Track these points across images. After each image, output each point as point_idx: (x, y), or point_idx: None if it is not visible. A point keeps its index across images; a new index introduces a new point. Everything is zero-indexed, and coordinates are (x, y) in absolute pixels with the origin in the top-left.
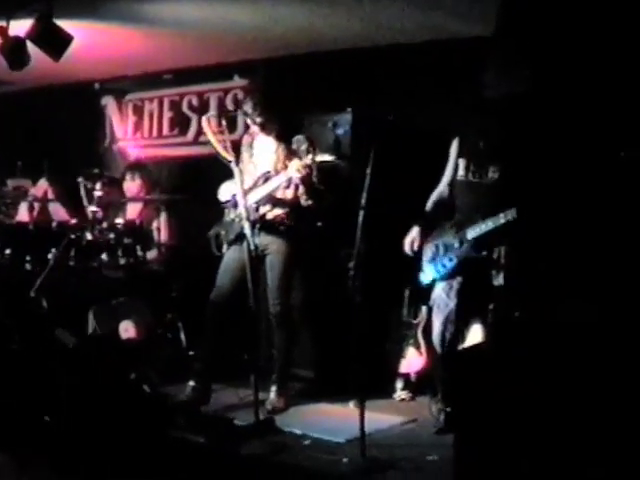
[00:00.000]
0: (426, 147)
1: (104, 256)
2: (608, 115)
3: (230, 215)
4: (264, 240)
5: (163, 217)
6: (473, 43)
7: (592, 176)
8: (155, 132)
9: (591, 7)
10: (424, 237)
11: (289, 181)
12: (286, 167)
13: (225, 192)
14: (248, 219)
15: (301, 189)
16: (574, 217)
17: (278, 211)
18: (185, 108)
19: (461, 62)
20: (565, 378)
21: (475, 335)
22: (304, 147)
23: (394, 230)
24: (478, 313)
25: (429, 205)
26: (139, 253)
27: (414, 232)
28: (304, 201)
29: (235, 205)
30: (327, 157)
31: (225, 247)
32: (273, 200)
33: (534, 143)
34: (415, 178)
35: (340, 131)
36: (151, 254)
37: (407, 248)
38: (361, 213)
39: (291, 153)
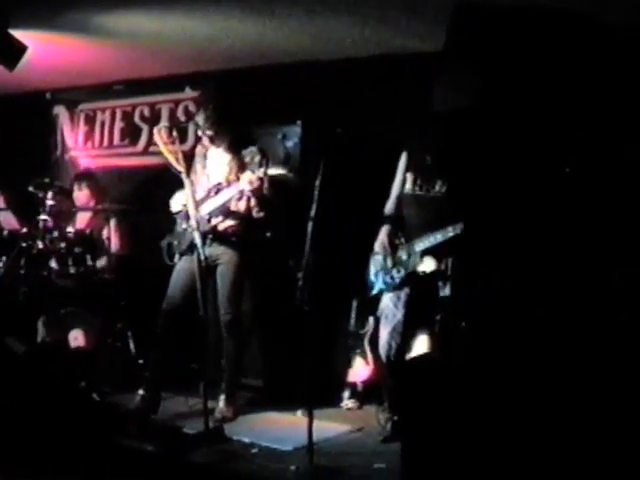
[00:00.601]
0: (375, 160)
1: (54, 265)
2: (553, 129)
3: (182, 225)
4: (215, 251)
5: (113, 226)
6: (423, 58)
7: (537, 189)
8: (106, 142)
9: (539, 24)
10: (393, 236)
11: (241, 193)
12: (238, 179)
13: (177, 203)
14: (199, 230)
15: (253, 201)
16: (519, 229)
17: (230, 222)
18: (137, 119)
19: (410, 77)
20: (510, 386)
21: (422, 345)
22: (257, 159)
23: (343, 241)
24: (425, 324)
25: (388, 211)
26: (89, 262)
27: (384, 232)
28: (255, 213)
29: (187, 216)
30: (280, 171)
31: (177, 257)
32: (225, 212)
33: (480, 157)
34: (364, 191)
35: (290, 143)
36: (101, 263)
37: (380, 248)
38: (310, 224)
39: (244, 165)
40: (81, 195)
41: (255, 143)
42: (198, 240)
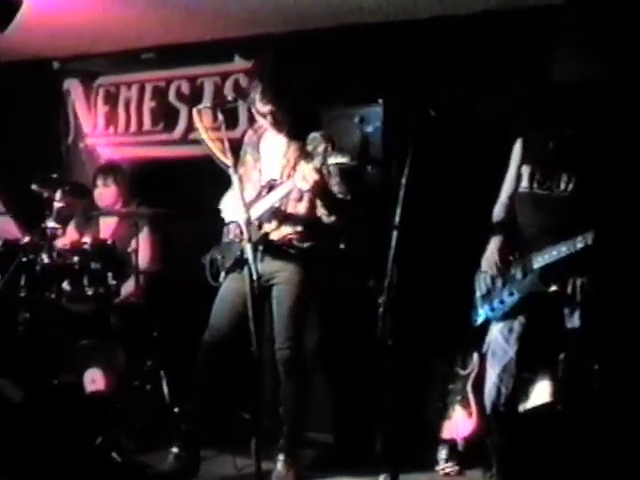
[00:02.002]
0: (479, 150)
1: (65, 285)
2: None
3: (229, 235)
4: (270, 267)
5: (144, 236)
6: (540, 14)
7: None
8: (133, 127)
9: None
10: (504, 249)
11: (300, 192)
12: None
13: (229, 207)
14: (250, 240)
15: (318, 202)
16: None
17: (287, 229)
18: (172, 97)
19: (525, 39)
20: None
21: (541, 392)
22: (321, 148)
23: (437, 256)
24: (545, 364)
25: (498, 218)
26: (111, 282)
27: (493, 243)
28: (326, 218)
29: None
30: (341, 159)
31: (222, 276)
32: (280, 215)
33: (618, 144)
34: (465, 190)
35: (369, 128)
36: (127, 284)
37: (488, 266)
38: (395, 233)
39: (306, 156)
40: (106, 193)
41: (322, 128)
42: (249, 253)
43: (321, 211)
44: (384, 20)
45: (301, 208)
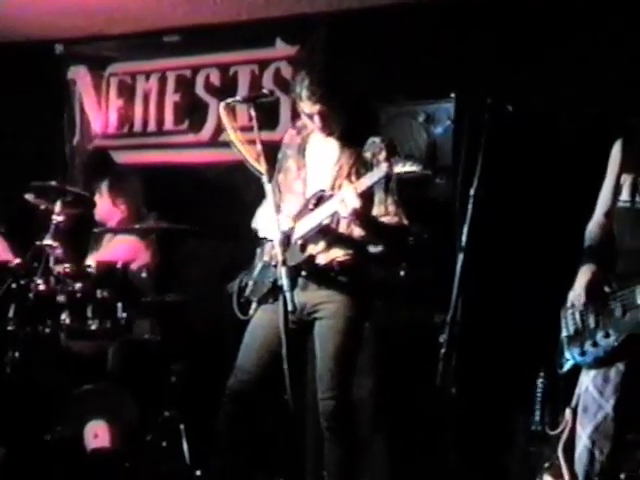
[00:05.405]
0: (568, 155)
1: (65, 317)
2: None
3: (263, 257)
4: (314, 297)
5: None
6: None
7: None
8: (153, 125)
9: None
10: (599, 279)
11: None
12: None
13: (265, 222)
14: (285, 262)
15: (358, 230)
16: None
17: (337, 252)
18: (200, 89)
19: (627, 15)
20: None
21: None
22: (382, 156)
23: (512, 284)
24: None
25: (591, 240)
26: (120, 314)
27: (585, 272)
28: (372, 247)
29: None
30: (409, 167)
31: (253, 307)
32: (330, 235)
33: None
34: (550, 204)
35: (438, 129)
36: (142, 317)
37: (578, 300)
38: (460, 257)
39: (362, 164)
40: (99, 204)
41: (380, 128)
42: (285, 279)
43: (365, 239)
44: None
45: (356, 229)
